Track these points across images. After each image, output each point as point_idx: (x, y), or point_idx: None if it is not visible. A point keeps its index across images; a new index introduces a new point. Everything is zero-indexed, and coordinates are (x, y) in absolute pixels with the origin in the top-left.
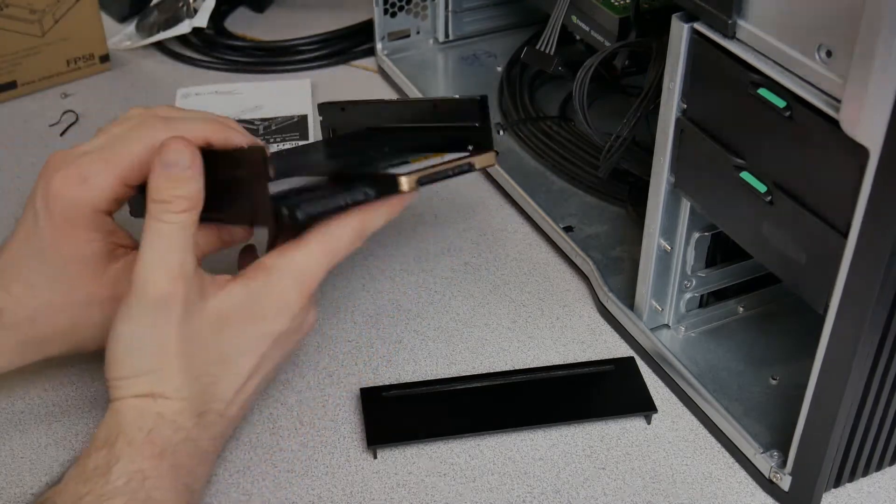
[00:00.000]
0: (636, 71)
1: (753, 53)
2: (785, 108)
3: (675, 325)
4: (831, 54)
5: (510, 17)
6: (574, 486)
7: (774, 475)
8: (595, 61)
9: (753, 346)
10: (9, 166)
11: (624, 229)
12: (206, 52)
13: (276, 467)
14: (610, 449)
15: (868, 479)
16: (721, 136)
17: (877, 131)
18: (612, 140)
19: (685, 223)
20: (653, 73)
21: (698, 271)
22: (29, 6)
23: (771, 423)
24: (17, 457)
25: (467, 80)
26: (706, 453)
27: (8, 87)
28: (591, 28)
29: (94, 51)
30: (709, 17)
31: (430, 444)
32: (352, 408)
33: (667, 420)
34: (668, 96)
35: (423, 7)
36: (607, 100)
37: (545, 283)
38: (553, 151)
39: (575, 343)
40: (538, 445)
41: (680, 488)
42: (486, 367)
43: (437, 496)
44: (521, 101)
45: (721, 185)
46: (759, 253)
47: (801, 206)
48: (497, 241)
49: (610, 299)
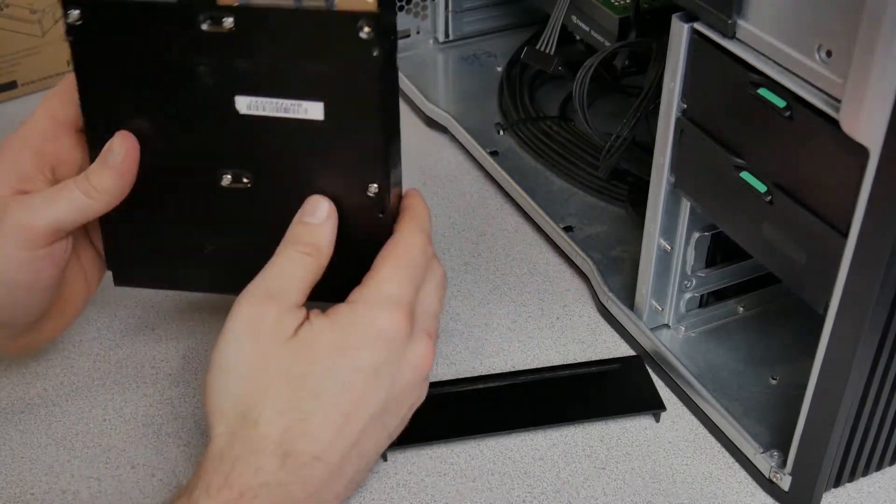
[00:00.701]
0: (636, 71)
1: (753, 53)
2: (785, 108)
3: (675, 325)
4: (831, 54)
5: (510, 17)
6: (574, 486)
7: (774, 475)
8: (595, 61)
9: (753, 346)
10: None
11: (624, 229)
12: None
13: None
14: (610, 449)
15: (868, 479)
16: (721, 136)
17: (877, 131)
18: (612, 140)
19: (685, 223)
20: (653, 73)
21: (698, 271)
22: (29, 6)
23: (771, 423)
24: (17, 457)
25: (467, 80)
26: (706, 453)
27: (8, 87)
28: (591, 28)
29: None
30: (709, 17)
31: (431, 445)
32: None
33: (667, 420)
34: (668, 96)
35: (423, 7)
36: (607, 100)
37: (545, 283)
38: (553, 151)
39: (575, 343)
40: (538, 445)
41: (680, 488)
42: (486, 368)
43: (437, 496)
44: (521, 101)
45: (721, 185)
46: (759, 253)
47: (801, 206)
48: (497, 241)
49: (610, 299)
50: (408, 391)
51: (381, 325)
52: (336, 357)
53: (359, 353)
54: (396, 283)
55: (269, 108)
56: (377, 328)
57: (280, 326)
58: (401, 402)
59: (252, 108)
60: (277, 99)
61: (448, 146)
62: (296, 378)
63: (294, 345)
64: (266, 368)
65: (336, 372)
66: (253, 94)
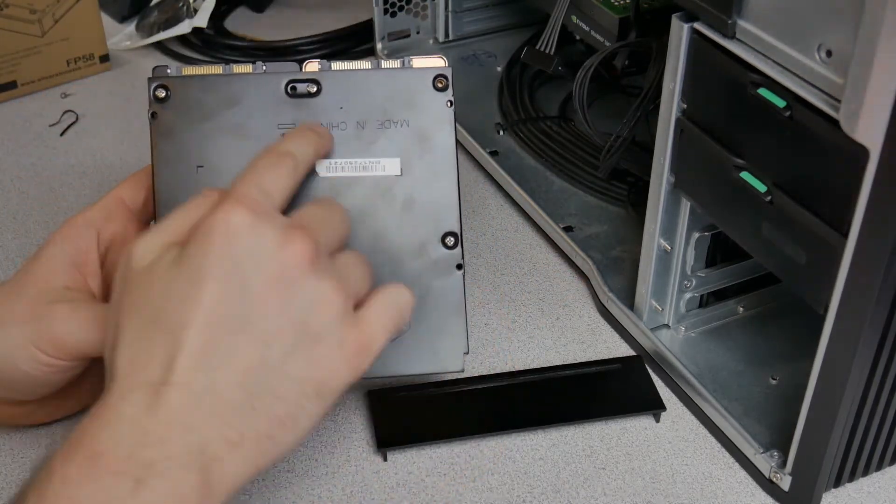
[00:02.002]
0: (636, 71)
1: (753, 53)
2: (785, 108)
3: (675, 325)
4: (831, 54)
5: (510, 17)
6: (574, 486)
7: (774, 475)
8: (595, 61)
9: (753, 346)
10: (9, 166)
11: (624, 229)
12: (206, 52)
13: (275, 467)
14: (610, 449)
15: (868, 479)
16: (721, 136)
17: (877, 131)
18: (612, 140)
19: (685, 223)
20: (653, 73)
21: (698, 271)
22: (29, 6)
23: (771, 423)
24: (17, 457)
25: (467, 80)
26: (706, 453)
27: (8, 87)
28: (591, 28)
29: (94, 51)
30: (709, 17)
31: (431, 445)
32: (351, 407)
33: (667, 420)
34: (668, 96)
35: (423, 7)
36: (607, 100)
37: (545, 283)
38: (553, 151)
39: (575, 343)
40: (538, 445)
41: (680, 488)
42: (486, 368)
43: (437, 496)
44: (521, 101)
45: (721, 185)
46: (759, 253)
47: (801, 206)
48: (497, 241)
49: (610, 299)
50: (272, 282)
51: (215, 221)
52: (171, 271)
53: (193, 260)
54: (238, 182)
55: (348, 168)
56: (211, 226)
57: (139, 258)
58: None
59: (331, 169)
60: (356, 158)
61: None
62: (140, 306)
63: (141, 275)
64: (121, 306)
65: (171, 286)
66: (334, 157)
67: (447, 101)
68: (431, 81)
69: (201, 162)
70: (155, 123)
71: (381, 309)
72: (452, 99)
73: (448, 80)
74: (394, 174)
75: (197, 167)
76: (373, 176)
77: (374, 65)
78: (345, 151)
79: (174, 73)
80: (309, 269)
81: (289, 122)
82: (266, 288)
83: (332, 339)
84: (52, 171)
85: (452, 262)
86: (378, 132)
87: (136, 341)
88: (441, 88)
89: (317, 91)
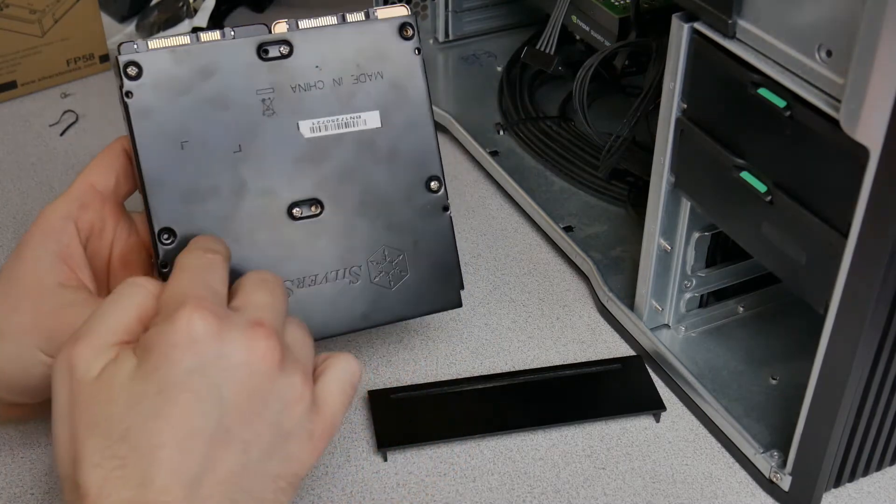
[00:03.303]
0: (636, 71)
1: (753, 53)
2: (785, 108)
3: (675, 325)
4: (831, 54)
5: (510, 17)
6: (574, 486)
7: (774, 475)
8: (595, 61)
9: (753, 346)
10: (9, 166)
11: (624, 229)
12: None
13: None
14: (610, 449)
15: (868, 478)
16: (721, 136)
17: (877, 131)
18: (612, 140)
19: (685, 223)
20: (653, 73)
21: (698, 271)
22: (29, 6)
23: (771, 423)
24: (17, 457)
25: (467, 80)
26: (706, 453)
27: (8, 87)
28: (591, 28)
29: (94, 51)
30: (709, 17)
31: (431, 445)
32: (352, 407)
33: (667, 420)
34: (668, 96)
35: (423, 7)
36: (607, 100)
37: (545, 283)
38: (553, 151)
39: (575, 343)
40: (538, 445)
41: (680, 488)
42: (486, 368)
43: (437, 496)
44: (521, 101)
45: (721, 185)
46: (759, 253)
47: (801, 206)
48: (497, 241)
49: (610, 299)
50: (247, 389)
51: (177, 330)
52: (135, 385)
53: (158, 372)
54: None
55: (332, 126)
56: (174, 335)
57: (86, 369)
58: (244, 406)
59: (315, 129)
60: (337, 115)
61: (448, 146)
62: (102, 423)
63: (95, 387)
64: (76, 421)
65: (138, 401)
66: (314, 117)
67: (415, 48)
68: (398, 31)
69: (185, 137)
70: (130, 103)
71: (336, 387)
72: (420, 46)
73: (414, 29)
74: (375, 127)
75: (182, 143)
76: (355, 131)
77: (339, 19)
78: (325, 110)
79: (141, 49)
80: (277, 370)
81: (266, 88)
82: (239, 396)
83: (302, 433)
84: (52, 171)
85: (439, 205)
86: (354, 87)
87: (105, 460)
88: (408, 37)
89: (289, 52)
